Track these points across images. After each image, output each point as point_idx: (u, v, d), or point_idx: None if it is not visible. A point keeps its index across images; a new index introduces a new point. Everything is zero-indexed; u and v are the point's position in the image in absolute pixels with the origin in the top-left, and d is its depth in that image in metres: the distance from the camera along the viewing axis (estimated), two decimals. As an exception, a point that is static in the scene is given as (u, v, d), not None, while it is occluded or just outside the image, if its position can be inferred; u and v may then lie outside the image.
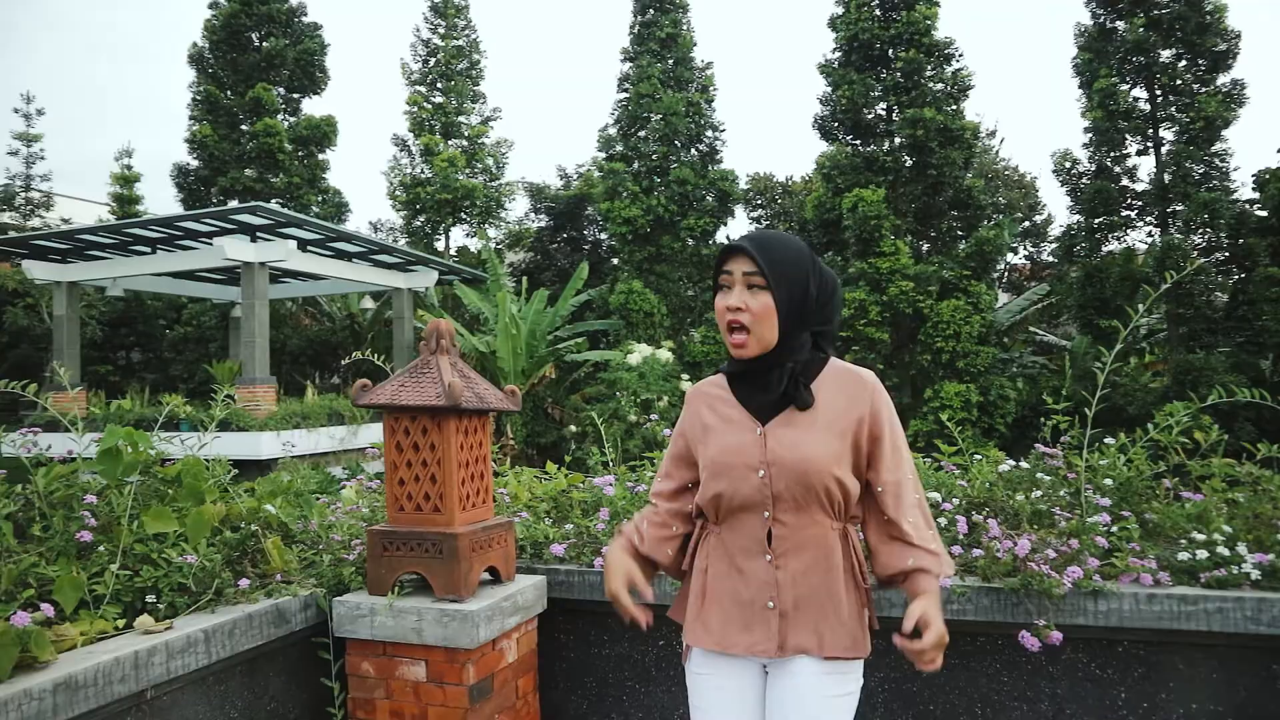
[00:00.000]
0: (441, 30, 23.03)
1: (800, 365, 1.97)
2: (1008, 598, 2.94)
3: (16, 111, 22.73)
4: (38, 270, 17.00)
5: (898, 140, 17.18)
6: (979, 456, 3.77)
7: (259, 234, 16.91)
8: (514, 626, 3.08)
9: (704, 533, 2.09)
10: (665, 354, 19.11)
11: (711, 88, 20.14)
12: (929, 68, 17.00)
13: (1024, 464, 3.54)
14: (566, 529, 3.59)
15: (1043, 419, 3.77)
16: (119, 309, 22.21)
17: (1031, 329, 19.61)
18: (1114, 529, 3.11)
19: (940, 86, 17.00)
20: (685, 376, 19.12)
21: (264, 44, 22.32)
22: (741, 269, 1.91)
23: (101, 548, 2.81)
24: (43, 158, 24.15)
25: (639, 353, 18.96)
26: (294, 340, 24.39)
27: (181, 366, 22.80)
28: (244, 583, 2.88)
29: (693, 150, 20.40)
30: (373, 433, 17.99)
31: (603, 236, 25.56)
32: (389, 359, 23.78)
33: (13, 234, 18.53)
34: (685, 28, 20.11)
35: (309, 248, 18.32)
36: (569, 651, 3.50)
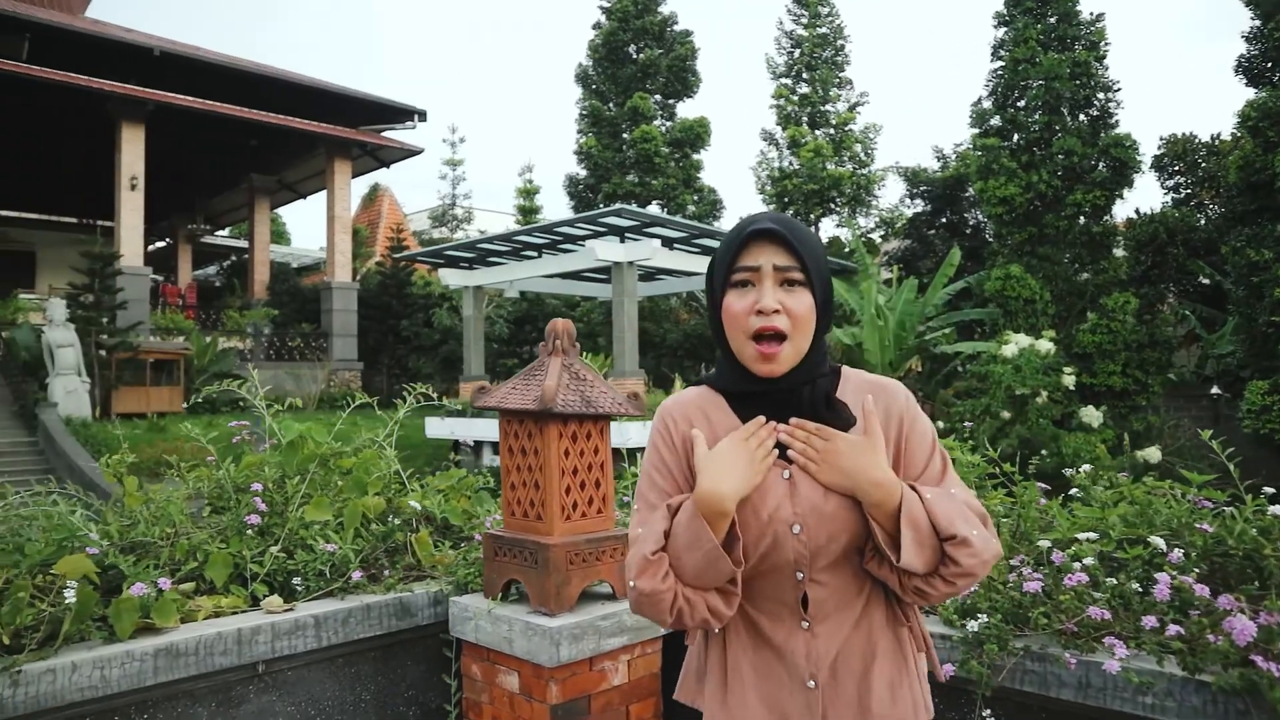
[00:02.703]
0: (804, 21, 22.83)
1: (827, 381, 1.56)
2: (1229, 702, 2.12)
3: (445, 141, 26.63)
4: (451, 277, 19.78)
5: (1356, 76, 13.69)
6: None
7: (627, 235, 18.06)
8: (620, 648, 2.87)
9: None
10: (1046, 345, 17.22)
11: (1102, 43, 17.61)
12: (1405, -22, 13.31)
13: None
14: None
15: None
16: (523, 308, 25.08)
17: None
18: None
19: None
20: (1069, 370, 17.07)
21: (640, 55, 23.80)
22: (773, 261, 1.49)
23: (250, 531, 3.10)
24: (464, 179, 28.10)
25: (1015, 344, 17.28)
26: (673, 334, 25.77)
27: (573, 359, 25.18)
28: (357, 574, 3.01)
29: (1080, 116, 18.03)
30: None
31: (984, 219, 23.68)
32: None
33: (440, 246, 21.79)
34: (1069, -22, 17.83)
35: (675, 245, 19.19)
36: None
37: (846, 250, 22.84)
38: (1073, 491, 3.11)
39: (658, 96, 24.49)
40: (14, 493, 2.99)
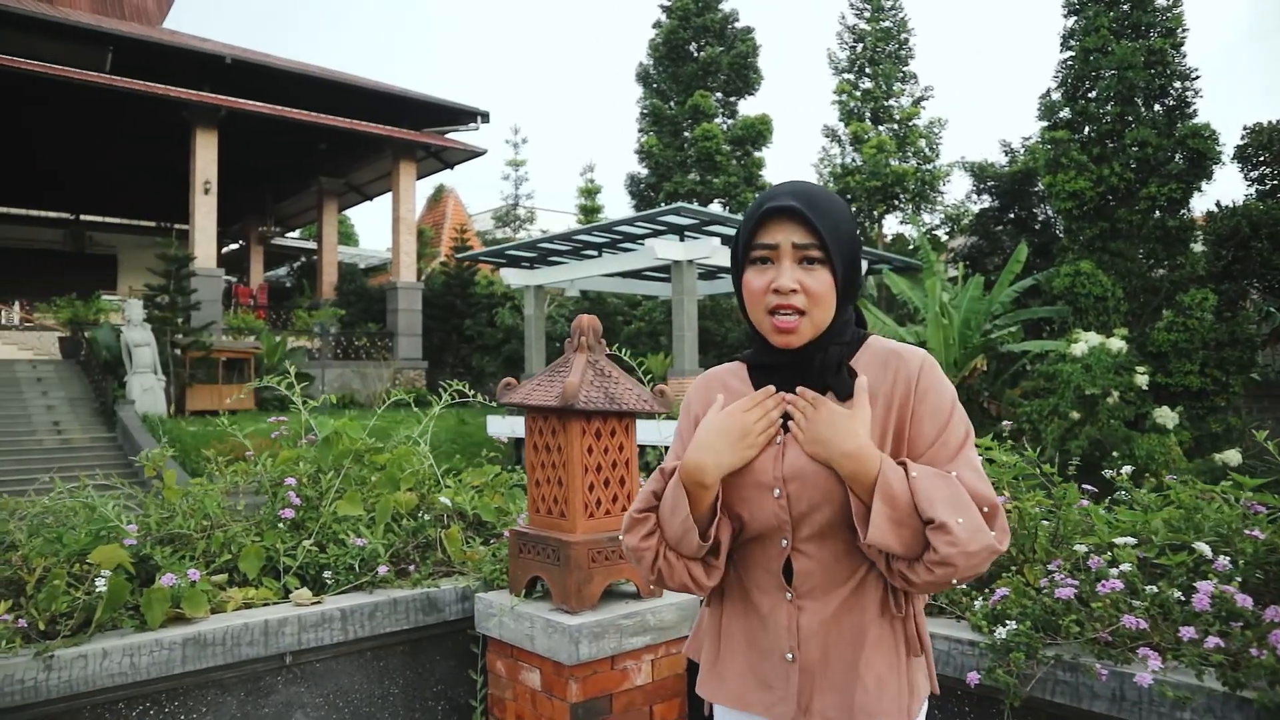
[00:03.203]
0: (867, 15, 22.49)
1: (844, 348, 1.53)
2: (1267, 717, 1.99)
3: (508, 142, 26.94)
4: (512, 277, 19.98)
5: None
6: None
7: (686, 233, 18.01)
8: (643, 647, 2.84)
9: None
10: (1117, 343, 16.68)
11: (1179, 30, 16.96)
12: None
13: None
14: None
15: None
16: (585, 307, 25.18)
17: None
18: None
19: None
20: (1142, 369, 16.50)
21: (701, 53, 23.73)
22: (792, 239, 1.46)
23: (282, 524, 3.15)
24: (526, 179, 28.41)
25: (1085, 342, 16.79)
26: (734, 333, 25.64)
27: (633, 359, 25.23)
28: (383, 569, 3.03)
29: (1155, 106, 17.41)
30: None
31: (1054, 215, 23.04)
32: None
33: (502, 245, 22.04)
34: (1143, -36, 17.22)
35: (734, 244, 19.03)
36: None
37: (911, 247, 22.44)
38: (1119, 494, 2.98)
39: (719, 94, 24.39)
40: (60, 486, 3.09)
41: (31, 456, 14.19)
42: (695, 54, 24.07)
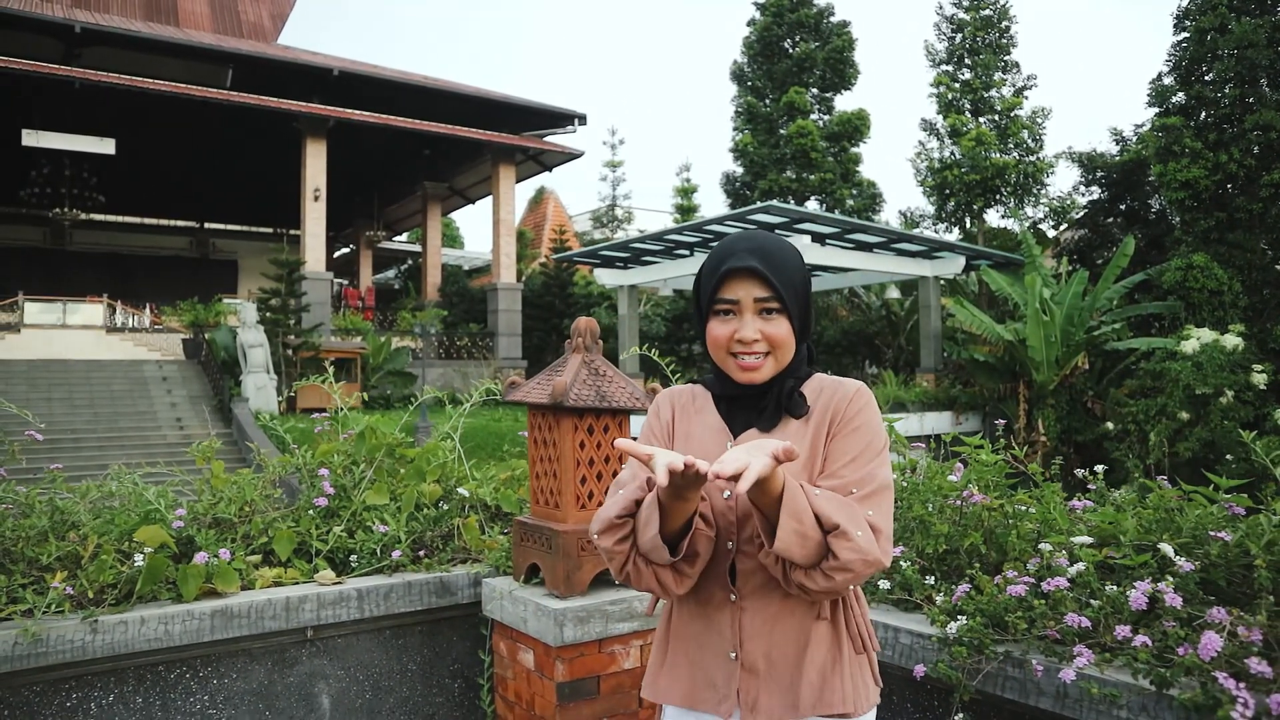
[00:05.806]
0: (967, 4, 21.87)
1: (798, 381, 1.71)
2: (1196, 717, 2.01)
3: (605, 144, 27.33)
4: (606, 277, 20.32)
5: None
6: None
7: (777, 231, 17.97)
8: (630, 633, 3.00)
9: None
10: (1232, 340, 15.83)
11: (1307, 4, 15.95)
12: None
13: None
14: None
15: None
16: (680, 306, 25.35)
17: None
18: None
19: None
20: (1259, 367, 15.60)
21: (795, 49, 23.56)
22: (753, 295, 1.63)
23: (312, 511, 3.43)
24: (624, 180, 28.78)
25: (1196, 339, 15.99)
26: (830, 331, 25.36)
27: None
28: (397, 554, 3.28)
29: None
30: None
31: (1168, 205, 21.92)
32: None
33: (596, 246, 22.41)
34: (1267, -65, 16.24)
35: (828, 241, 18.92)
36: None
37: (1015, 242, 21.74)
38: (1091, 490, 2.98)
39: (814, 90, 24.18)
40: (118, 473, 3.45)
41: (156, 449, 15.31)
42: (790, 50, 23.93)
